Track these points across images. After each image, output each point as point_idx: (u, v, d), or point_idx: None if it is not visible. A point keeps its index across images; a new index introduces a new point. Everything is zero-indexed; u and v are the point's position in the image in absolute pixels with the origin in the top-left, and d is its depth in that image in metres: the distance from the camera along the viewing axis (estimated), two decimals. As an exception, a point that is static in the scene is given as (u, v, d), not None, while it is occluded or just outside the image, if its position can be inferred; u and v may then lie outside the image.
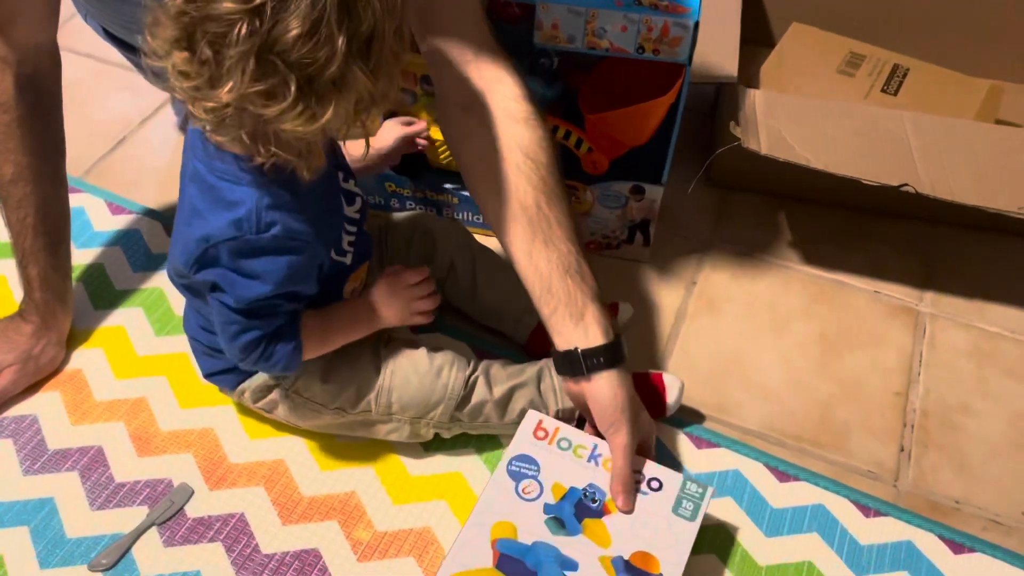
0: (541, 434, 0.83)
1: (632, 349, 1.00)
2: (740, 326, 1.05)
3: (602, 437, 0.82)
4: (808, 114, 1.05)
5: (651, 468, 0.81)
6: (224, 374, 0.86)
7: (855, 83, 1.25)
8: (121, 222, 1.12)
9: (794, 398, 0.98)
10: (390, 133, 0.98)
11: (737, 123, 1.00)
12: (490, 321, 1.00)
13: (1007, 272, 1.12)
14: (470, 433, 0.89)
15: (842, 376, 1.00)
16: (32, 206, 0.89)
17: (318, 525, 0.84)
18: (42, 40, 0.86)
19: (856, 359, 1.02)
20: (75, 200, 1.12)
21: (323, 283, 0.80)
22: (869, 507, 0.88)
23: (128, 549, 0.82)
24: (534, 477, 0.81)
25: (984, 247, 1.15)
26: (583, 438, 0.83)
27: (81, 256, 1.07)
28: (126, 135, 1.24)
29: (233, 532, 0.83)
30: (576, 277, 0.81)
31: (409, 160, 1.11)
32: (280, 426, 0.90)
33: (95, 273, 1.05)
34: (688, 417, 0.95)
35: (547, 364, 0.90)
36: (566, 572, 0.76)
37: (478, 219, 1.11)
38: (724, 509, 0.87)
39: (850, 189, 0.99)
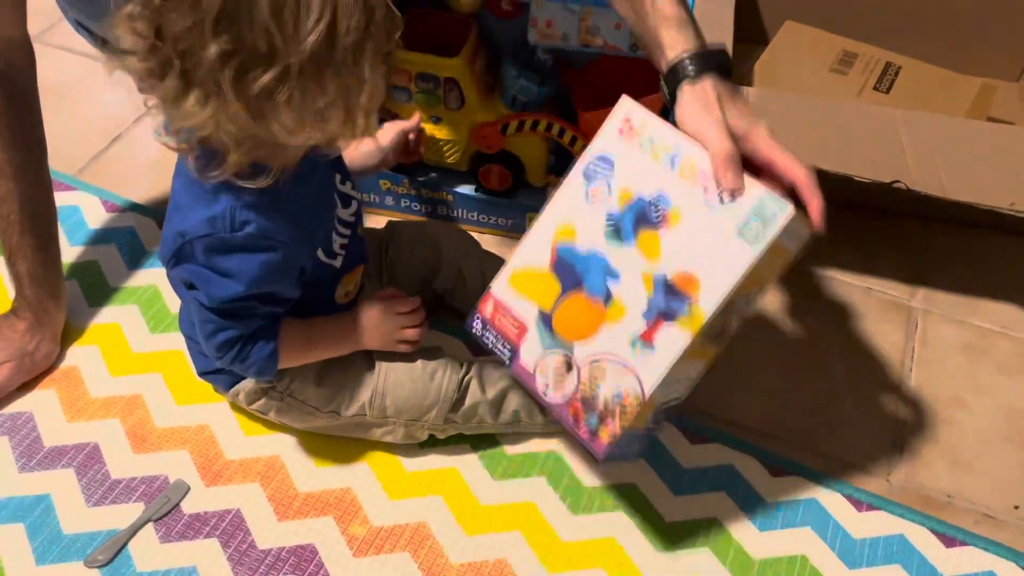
0: (626, 129, 0.74)
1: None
2: (734, 322, 1.05)
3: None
4: (801, 111, 1.05)
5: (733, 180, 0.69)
6: (218, 374, 0.86)
7: (848, 81, 1.25)
8: (116, 219, 1.12)
9: (787, 393, 0.98)
10: (383, 135, 0.98)
11: (730, 120, 1.00)
12: None
13: (998, 268, 1.12)
14: (465, 434, 0.90)
15: (835, 371, 1.01)
16: (16, 203, 0.89)
17: (314, 521, 0.85)
18: (12, 34, 0.86)
19: (849, 354, 1.02)
20: (70, 198, 1.13)
21: (311, 286, 0.79)
22: (862, 501, 0.88)
23: (124, 545, 0.82)
24: (605, 178, 0.74)
25: (976, 244, 1.15)
26: (669, 136, 0.72)
27: (76, 253, 1.07)
28: (120, 133, 1.24)
29: (229, 528, 0.84)
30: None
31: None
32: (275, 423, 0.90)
33: (90, 270, 1.05)
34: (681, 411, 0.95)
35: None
36: (609, 281, 0.73)
37: (474, 217, 1.11)
38: (717, 504, 0.88)
39: (842, 186, 0.99)
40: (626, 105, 0.75)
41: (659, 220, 0.71)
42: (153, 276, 1.05)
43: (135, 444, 0.89)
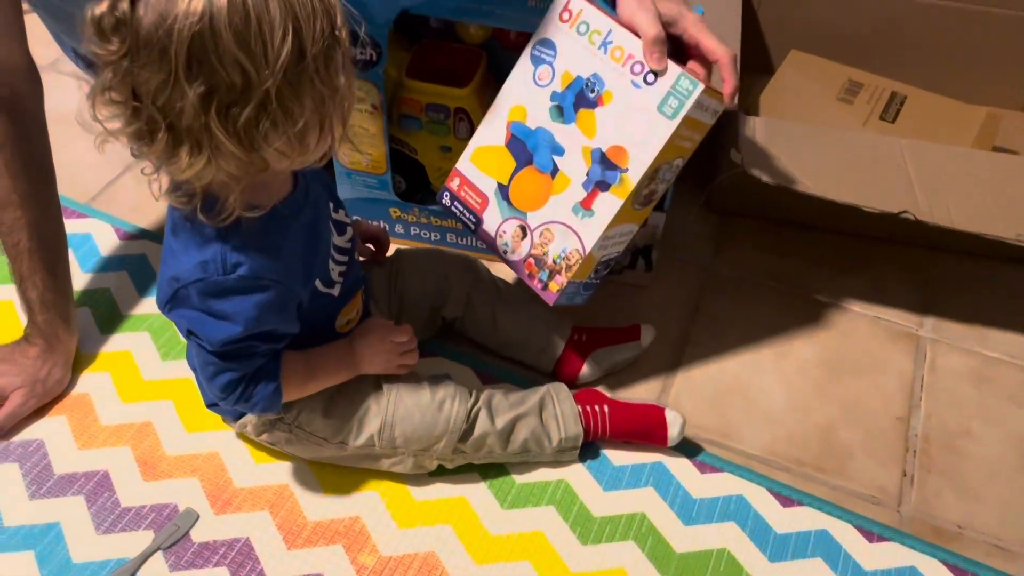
0: (566, 16, 0.83)
1: (635, 374, 1.02)
2: (742, 351, 1.05)
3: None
4: (808, 141, 1.06)
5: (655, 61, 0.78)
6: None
7: (854, 110, 1.26)
8: (128, 247, 1.12)
9: (796, 422, 0.98)
10: None
11: (738, 150, 1.01)
12: (513, 353, 1.00)
13: (1007, 298, 1.13)
14: (474, 463, 0.90)
15: (844, 401, 1.01)
16: (24, 231, 0.90)
17: (323, 550, 0.84)
18: (12, 60, 0.86)
19: (858, 384, 1.02)
20: (82, 225, 1.14)
21: (311, 316, 0.79)
22: (872, 532, 0.88)
23: (134, 574, 0.82)
24: (550, 63, 0.84)
25: (983, 273, 1.16)
26: (602, 22, 0.81)
27: (88, 280, 1.08)
28: (133, 161, 1.25)
29: (238, 557, 0.83)
30: None
31: (413, 186, 1.12)
32: (285, 451, 0.91)
33: (102, 297, 1.06)
34: (691, 442, 0.95)
35: (549, 391, 0.91)
36: (555, 156, 0.84)
37: (483, 244, 1.11)
38: (728, 534, 0.88)
39: (850, 215, 1.00)
40: None
41: (595, 100, 0.81)
42: (164, 303, 1.05)
43: (145, 472, 0.90)
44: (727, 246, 1.18)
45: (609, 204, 0.82)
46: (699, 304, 1.11)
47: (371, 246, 0.98)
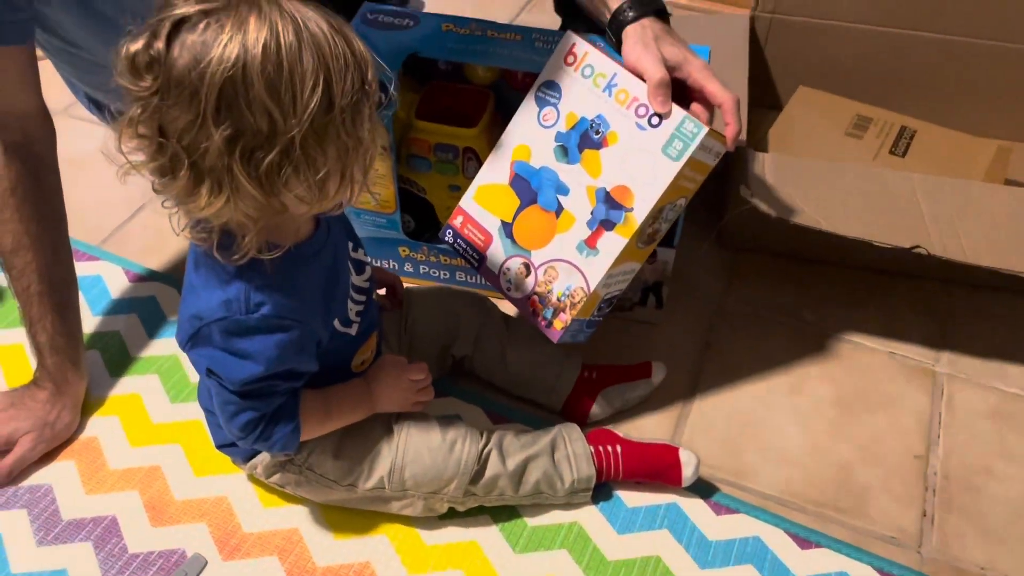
0: (571, 59, 0.85)
1: (647, 412, 1.00)
2: (756, 388, 1.04)
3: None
4: (818, 176, 1.06)
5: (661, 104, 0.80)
6: (236, 446, 0.86)
7: (863, 145, 1.26)
8: (138, 289, 1.13)
9: (813, 461, 0.97)
10: None
11: (747, 186, 1.01)
12: (522, 391, 0.99)
13: (1023, 332, 1.11)
14: (485, 506, 0.89)
15: (860, 439, 0.99)
16: (34, 274, 0.90)
17: (332, 596, 0.83)
18: (26, 107, 0.88)
19: (874, 421, 1.01)
20: (92, 267, 1.14)
21: (328, 355, 0.79)
22: (893, 574, 0.86)
23: (140, 622, 0.81)
24: (554, 105, 0.86)
25: (999, 307, 1.14)
26: (607, 65, 0.83)
27: (98, 323, 1.08)
28: (144, 203, 1.26)
29: (246, 604, 0.82)
30: None
31: (422, 225, 1.12)
32: (294, 494, 0.90)
33: (111, 340, 1.06)
34: (706, 483, 0.94)
35: (560, 431, 0.90)
36: (559, 196, 0.85)
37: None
38: (745, 577, 0.86)
39: (862, 250, 0.99)
40: (571, 38, 0.85)
41: (600, 141, 0.83)
42: (173, 345, 1.05)
43: (153, 517, 0.89)
44: (738, 282, 1.18)
45: (614, 243, 0.83)
46: (711, 341, 1.10)
47: (384, 293, 0.98)
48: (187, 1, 0.59)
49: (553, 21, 1.40)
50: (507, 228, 0.89)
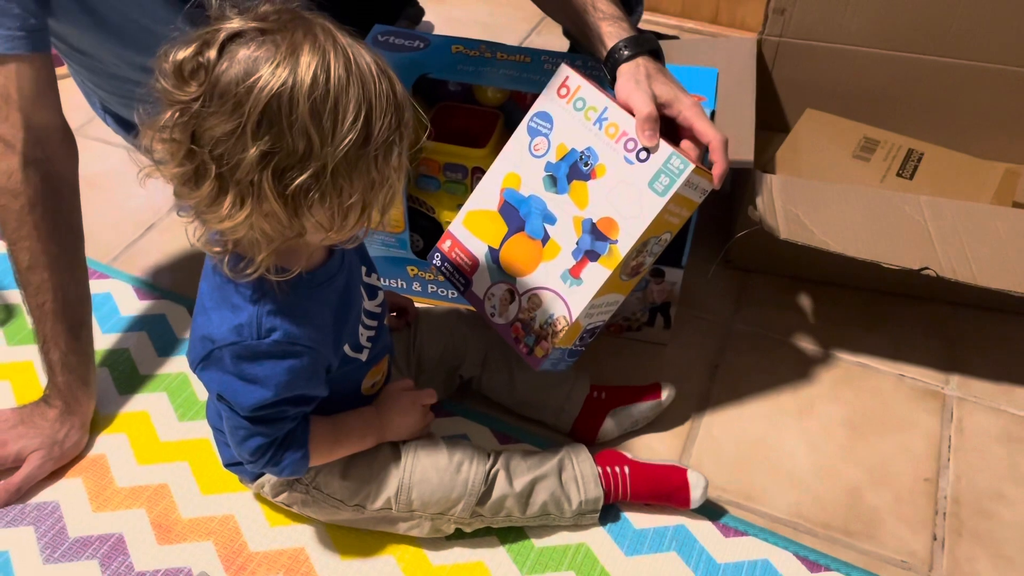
0: (564, 92, 0.86)
1: (655, 433, 1.00)
2: (764, 410, 1.04)
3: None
4: (826, 198, 1.06)
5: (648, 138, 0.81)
6: (244, 465, 0.86)
7: (870, 167, 1.26)
8: (148, 307, 1.13)
9: (822, 484, 0.96)
10: None
11: (755, 207, 1.01)
12: (530, 412, 0.99)
13: (1033, 354, 1.11)
14: (492, 527, 0.88)
15: (870, 462, 0.98)
16: (50, 292, 0.90)
17: (338, 617, 0.83)
18: (47, 121, 0.88)
19: (883, 444, 1.00)
20: (102, 285, 1.15)
21: (337, 380, 0.79)
22: (904, 599, 0.85)
23: (146, 641, 0.81)
24: (546, 135, 0.87)
25: (1008, 329, 1.14)
26: (599, 99, 0.84)
27: (107, 341, 1.08)
28: (155, 222, 1.27)
29: (252, 624, 0.82)
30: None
31: (430, 244, 1.13)
32: (301, 513, 0.89)
33: (120, 358, 1.06)
34: (714, 505, 0.93)
35: (568, 452, 0.90)
36: (546, 224, 0.86)
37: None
38: (754, 601, 0.85)
39: (870, 272, 0.99)
40: (565, 70, 0.87)
41: (588, 172, 0.84)
42: (182, 364, 1.05)
43: (160, 535, 0.88)
44: (746, 303, 1.17)
45: (597, 274, 0.83)
46: (719, 362, 1.09)
47: (395, 315, 0.99)
48: (243, 17, 0.61)
49: (562, 43, 1.41)
50: (494, 254, 0.89)
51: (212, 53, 0.60)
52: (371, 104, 0.62)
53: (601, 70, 0.88)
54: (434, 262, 0.95)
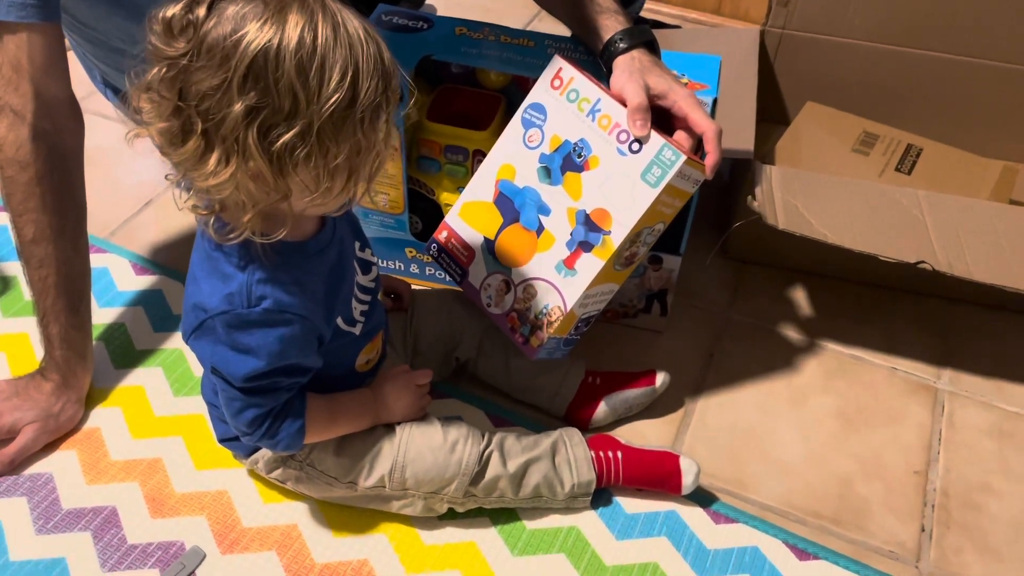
0: (557, 83, 0.86)
1: (649, 419, 1.01)
2: (758, 400, 1.04)
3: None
4: (825, 190, 1.06)
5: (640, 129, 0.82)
6: (238, 441, 0.86)
7: (869, 162, 1.27)
8: (144, 282, 1.13)
9: (813, 474, 0.97)
10: None
11: (754, 198, 1.01)
12: (525, 396, 0.99)
13: (1025, 351, 1.12)
14: (484, 507, 0.89)
15: (861, 453, 0.99)
16: (53, 266, 0.90)
17: (330, 593, 0.83)
18: (56, 93, 0.87)
19: (875, 436, 1.01)
20: (100, 260, 1.15)
21: (330, 354, 0.80)
22: (891, 588, 0.86)
23: (137, 613, 0.81)
24: (540, 127, 0.87)
25: (1002, 326, 1.15)
26: (592, 91, 0.84)
27: (104, 315, 1.08)
28: (152, 198, 1.27)
29: (244, 598, 0.82)
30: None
31: (429, 226, 1.13)
32: (295, 490, 0.90)
33: (117, 333, 1.06)
34: (706, 491, 0.94)
35: (561, 435, 0.90)
36: (541, 216, 0.87)
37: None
38: (742, 587, 0.86)
39: (867, 265, 1.00)
40: (558, 62, 0.87)
41: (582, 164, 0.85)
42: (178, 339, 1.05)
43: (153, 509, 0.89)
44: (743, 293, 1.18)
45: (591, 264, 0.84)
46: (714, 351, 1.10)
47: (391, 298, 0.99)
48: None
49: (566, 28, 1.40)
50: (490, 245, 0.90)
51: (201, 10, 0.60)
52: (358, 66, 0.62)
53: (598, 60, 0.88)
54: (431, 252, 0.96)
